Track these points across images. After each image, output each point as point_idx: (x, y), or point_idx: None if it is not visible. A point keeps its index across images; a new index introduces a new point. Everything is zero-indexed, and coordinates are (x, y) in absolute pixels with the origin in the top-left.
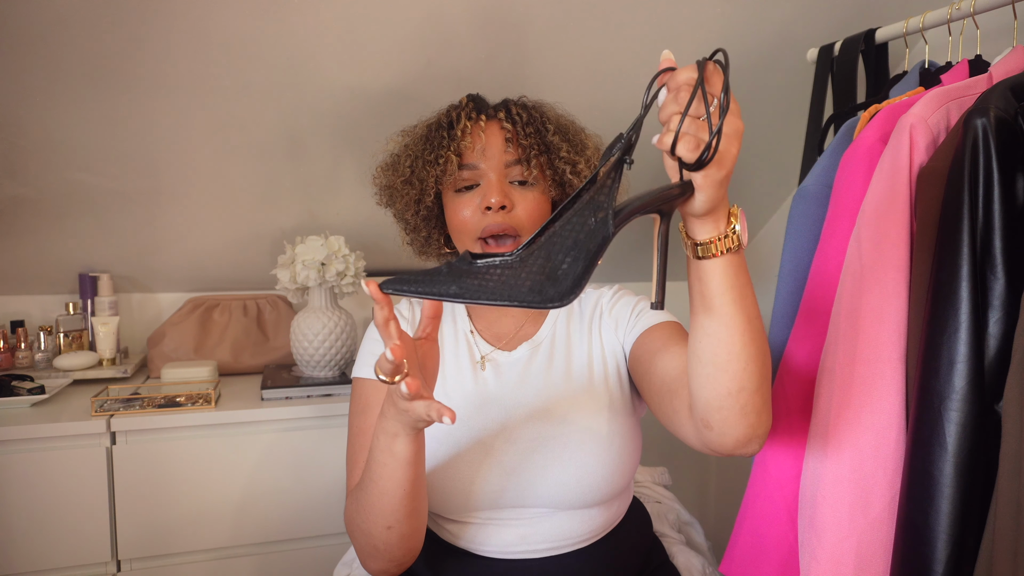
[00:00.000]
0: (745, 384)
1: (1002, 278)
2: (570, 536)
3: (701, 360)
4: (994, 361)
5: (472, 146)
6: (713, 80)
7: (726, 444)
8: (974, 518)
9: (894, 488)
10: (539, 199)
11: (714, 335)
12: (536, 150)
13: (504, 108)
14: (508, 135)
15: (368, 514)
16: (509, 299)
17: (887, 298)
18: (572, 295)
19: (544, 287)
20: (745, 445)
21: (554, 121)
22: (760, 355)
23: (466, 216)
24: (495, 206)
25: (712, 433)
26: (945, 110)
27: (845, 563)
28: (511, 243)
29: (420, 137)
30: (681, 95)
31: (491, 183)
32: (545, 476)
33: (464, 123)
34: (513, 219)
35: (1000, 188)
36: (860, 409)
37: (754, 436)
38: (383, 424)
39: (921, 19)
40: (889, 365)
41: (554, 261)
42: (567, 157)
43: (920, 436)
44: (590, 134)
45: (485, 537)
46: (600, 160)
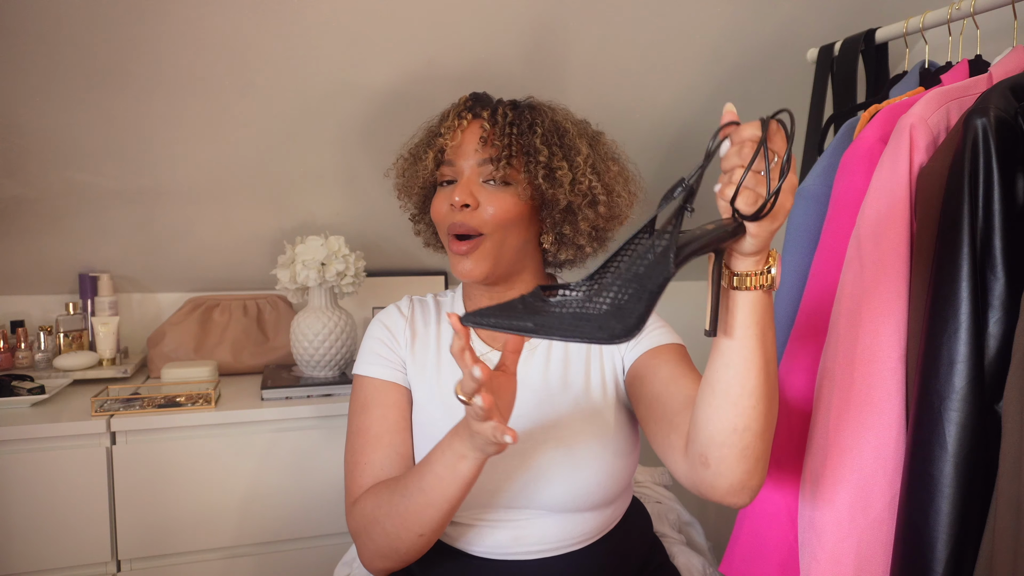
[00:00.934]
0: (751, 424)
1: (1002, 278)
2: (564, 538)
3: (714, 390)
4: (994, 361)
5: (451, 143)
6: (775, 139)
7: (718, 486)
8: (974, 518)
9: (894, 488)
10: (511, 201)
11: (732, 366)
12: (511, 151)
13: (491, 107)
14: (484, 134)
15: (403, 519)
16: (580, 336)
17: (887, 298)
18: (636, 331)
19: (611, 324)
20: (737, 492)
21: (548, 124)
22: (769, 399)
23: (439, 210)
24: (457, 204)
25: (708, 472)
26: (945, 110)
27: (845, 563)
28: (469, 241)
29: (426, 129)
30: (744, 150)
31: (462, 181)
32: (539, 480)
33: (452, 120)
34: (475, 218)
35: (1000, 188)
36: (860, 409)
37: (747, 484)
38: (453, 444)
39: (921, 19)
40: (889, 365)
41: (619, 299)
42: (544, 162)
43: (920, 436)
44: (604, 141)
45: (478, 538)
46: (661, 202)
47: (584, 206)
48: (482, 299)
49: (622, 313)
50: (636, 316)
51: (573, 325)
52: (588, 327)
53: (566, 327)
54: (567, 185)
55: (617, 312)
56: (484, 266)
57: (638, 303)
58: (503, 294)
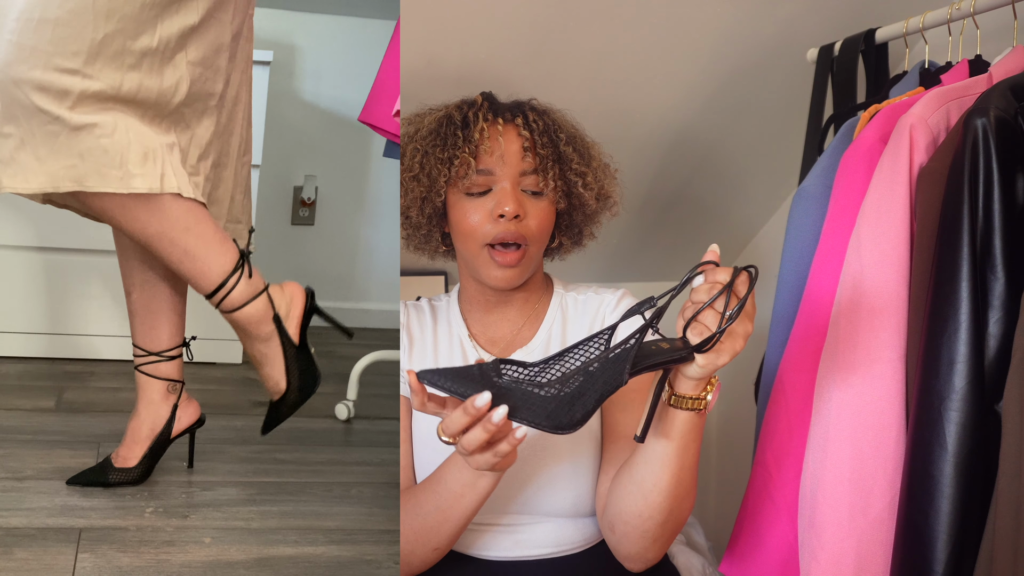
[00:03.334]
0: (654, 515)
1: (1002, 278)
2: (566, 542)
3: (632, 477)
4: (994, 361)
5: (491, 151)
6: (740, 287)
7: (619, 551)
8: (974, 518)
9: (894, 488)
10: (548, 209)
11: (649, 464)
12: (551, 160)
13: (521, 113)
14: (526, 143)
15: (418, 536)
16: (529, 420)
17: (887, 298)
18: (579, 427)
19: (559, 415)
20: (632, 560)
21: (566, 130)
22: (677, 499)
23: (475, 222)
24: (509, 215)
25: (612, 536)
26: (945, 110)
27: (845, 563)
28: (517, 251)
29: (430, 131)
30: (713, 290)
31: (505, 191)
32: (539, 485)
33: (481, 124)
34: (524, 228)
35: (1000, 188)
36: (860, 409)
37: (644, 557)
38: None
39: (921, 19)
40: (889, 365)
41: (570, 393)
42: (578, 169)
43: (920, 436)
44: (592, 142)
45: (478, 541)
46: (629, 311)
47: (602, 208)
48: (485, 303)
49: (569, 406)
50: (581, 413)
51: (521, 408)
52: (536, 414)
53: (514, 408)
54: (595, 190)
55: (564, 403)
56: (525, 274)
57: (586, 401)
58: (512, 295)
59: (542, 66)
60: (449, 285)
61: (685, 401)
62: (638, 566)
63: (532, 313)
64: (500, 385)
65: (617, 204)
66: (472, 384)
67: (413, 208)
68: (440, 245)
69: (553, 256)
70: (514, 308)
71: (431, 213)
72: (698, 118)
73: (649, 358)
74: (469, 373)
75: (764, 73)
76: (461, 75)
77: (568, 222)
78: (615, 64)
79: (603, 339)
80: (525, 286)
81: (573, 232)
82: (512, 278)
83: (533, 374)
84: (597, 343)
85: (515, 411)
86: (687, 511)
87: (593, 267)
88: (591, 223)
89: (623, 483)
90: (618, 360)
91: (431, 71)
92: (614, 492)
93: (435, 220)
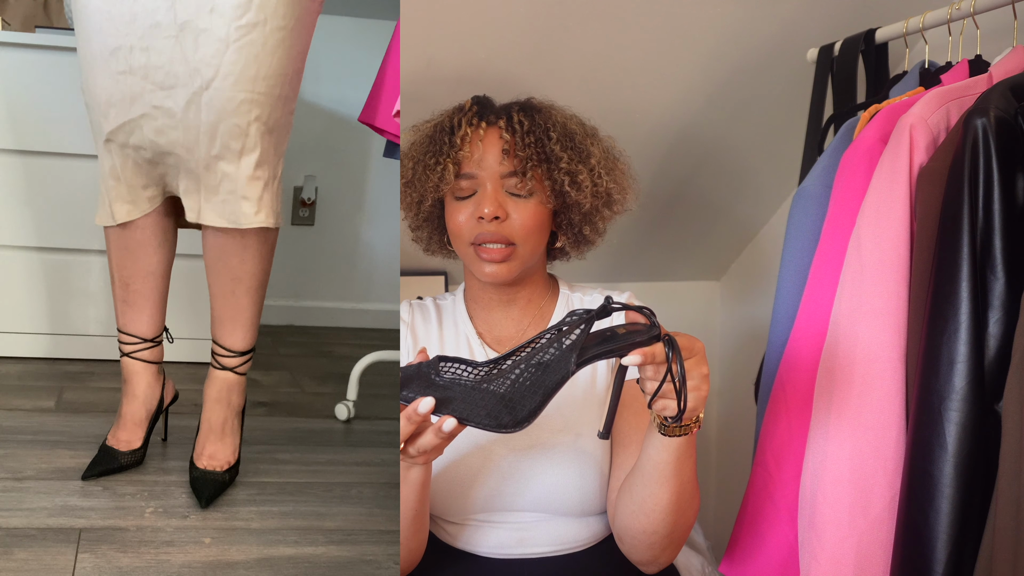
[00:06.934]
0: (658, 529)
1: (1002, 278)
2: (568, 540)
3: (633, 497)
4: (994, 361)
5: (470, 155)
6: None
7: (631, 557)
8: (974, 518)
9: (894, 488)
10: (536, 209)
11: (649, 484)
12: (534, 161)
13: (507, 115)
14: (506, 145)
15: (402, 531)
16: (468, 418)
17: (887, 298)
18: (527, 423)
19: (500, 414)
20: (646, 565)
21: (560, 128)
22: (680, 512)
23: (460, 222)
24: (488, 216)
25: (623, 545)
26: (945, 110)
27: (845, 563)
28: (503, 249)
29: (425, 137)
30: (659, 372)
31: (487, 193)
32: (543, 483)
33: (464, 130)
34: (506, 229)
35: (1000, 188)
36: (860, 409)
37: (656, 561)
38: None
39: (921, 19)
40: (889, 365)
41: (514, 391)
42: (567, 168)
43: (920, 436)
44: (602, 138)
45: (482, 538)
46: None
47: (602, 206)
48: (488, 302)
49: (515, 405)
50: (528, 410)
51: (460, 406)
52: (476, 413)
53: (453, 406)
54: (588, 189)
55: (509, 404)
56: (514, 271)
57: (532, 397)
58: (515, 294)
59: (542, 66)
60: (449, 285)
61: (675, 429)
62: (652, 569)
63: (538, 313)
64: (438, 384)
65: (623, 201)
66: (412, 388)
67: (411, 212)
68: (445, 246)
69: (559, 256)
70: (518, 308)
71: (427, 216)
72: (698, 118)
73: (601, 345)
74: (408, 372)
75: (764, 73)
76: (461, 75)
77: (566, 221)
78: (615, 64)
79: (552, 334)
80: (527, 286)
81: (572, 231)
82: (501, 273)
83: (479, 372)
84: (547, 337)
85: (453, 409)
86: (692, 518)
87: (593, 267)
88: (589, 222)
89: (625, 501)
90: (566, 352)
91: (431, 71)
92: (619, 507)
93: (433, 223)
